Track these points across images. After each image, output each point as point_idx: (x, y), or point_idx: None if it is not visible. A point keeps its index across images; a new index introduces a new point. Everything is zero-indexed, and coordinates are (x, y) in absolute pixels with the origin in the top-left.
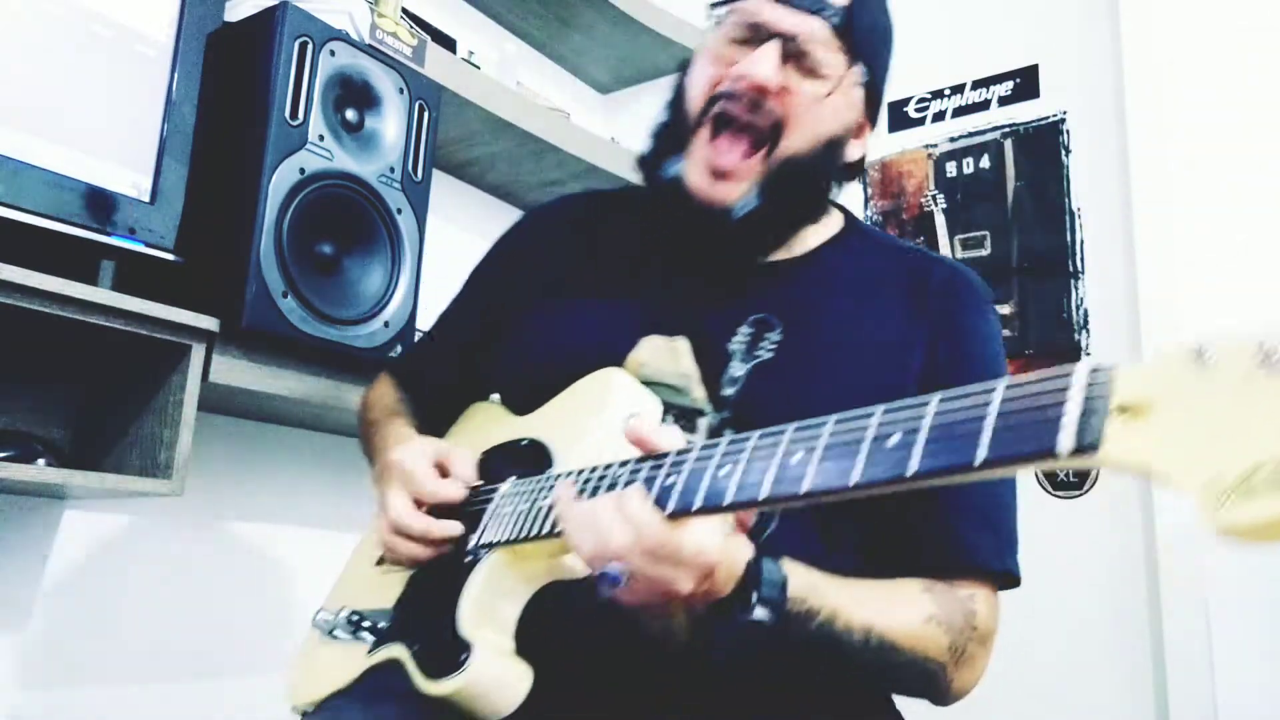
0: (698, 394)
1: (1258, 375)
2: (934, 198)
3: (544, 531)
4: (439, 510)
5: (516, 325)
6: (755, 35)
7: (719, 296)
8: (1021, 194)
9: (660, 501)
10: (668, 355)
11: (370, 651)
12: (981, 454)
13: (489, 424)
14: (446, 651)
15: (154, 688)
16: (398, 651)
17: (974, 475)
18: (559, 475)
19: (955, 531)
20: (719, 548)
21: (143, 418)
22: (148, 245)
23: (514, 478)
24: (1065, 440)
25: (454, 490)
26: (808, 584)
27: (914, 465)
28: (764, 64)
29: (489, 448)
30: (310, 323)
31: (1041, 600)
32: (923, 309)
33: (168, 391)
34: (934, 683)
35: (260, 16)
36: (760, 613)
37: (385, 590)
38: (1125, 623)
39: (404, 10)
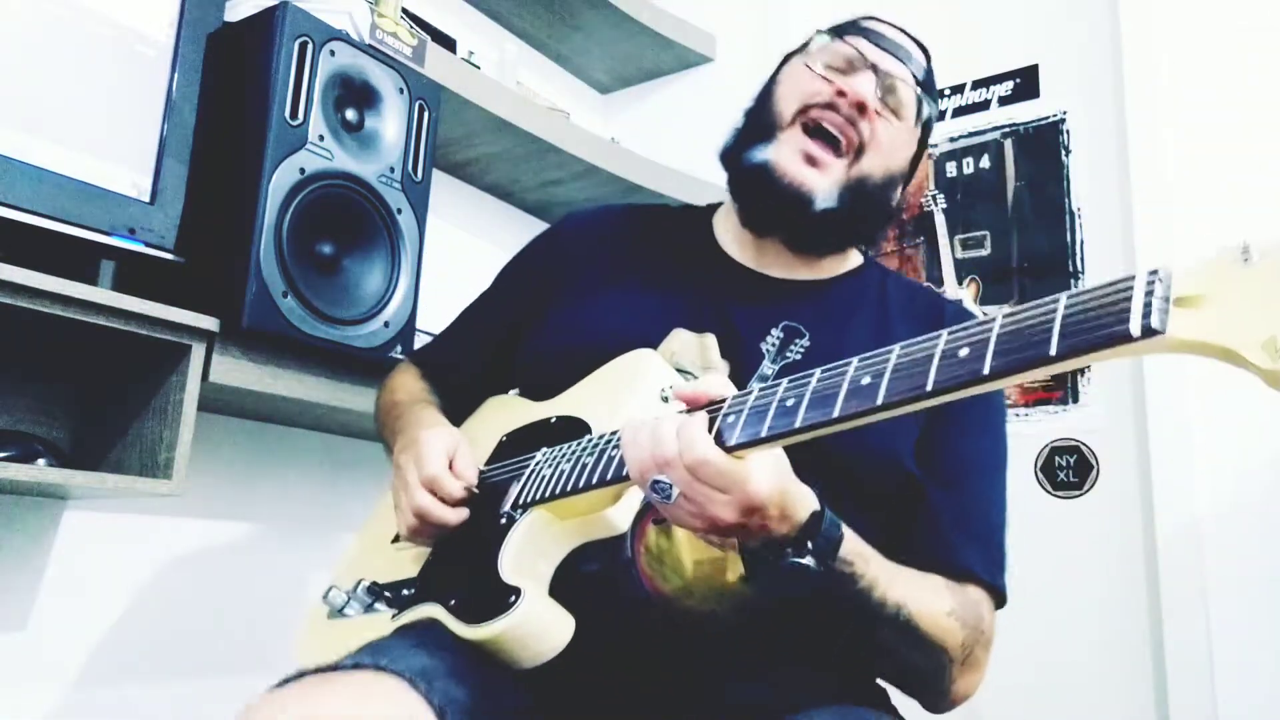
0: None
1: None
2: (934, 198)
3: (593, 482)
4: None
5: (546, 317)
6: (851, 68)
7: (750, 301)
8: (1021, 194)
9: (721, 437)
10: (696, 349)
11: (396, 616)
12: (1054, 347)
13: (509, 412)
14: (492, 597)
15: (154, 687)
16: (431, 610)
17: (1050, 367)
18: (602, 435)
19: (949, 540)
20: (771, 487)
21: (143, 418)
22: (148, 245)
23: (546, 448)
24: (1134, 324)
25: (454, 488)
26: (859, 551)
27: (989, 365)
28: (867, 86)
29: (513, 429)
30: (310, 323)
31: (1041, 600)
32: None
33: (168, 391)
34: (940, 677)
35: (260, 16)
36: (809, 561)
37: (404, 564)
38: (1125, 623)
39: (404, 10)
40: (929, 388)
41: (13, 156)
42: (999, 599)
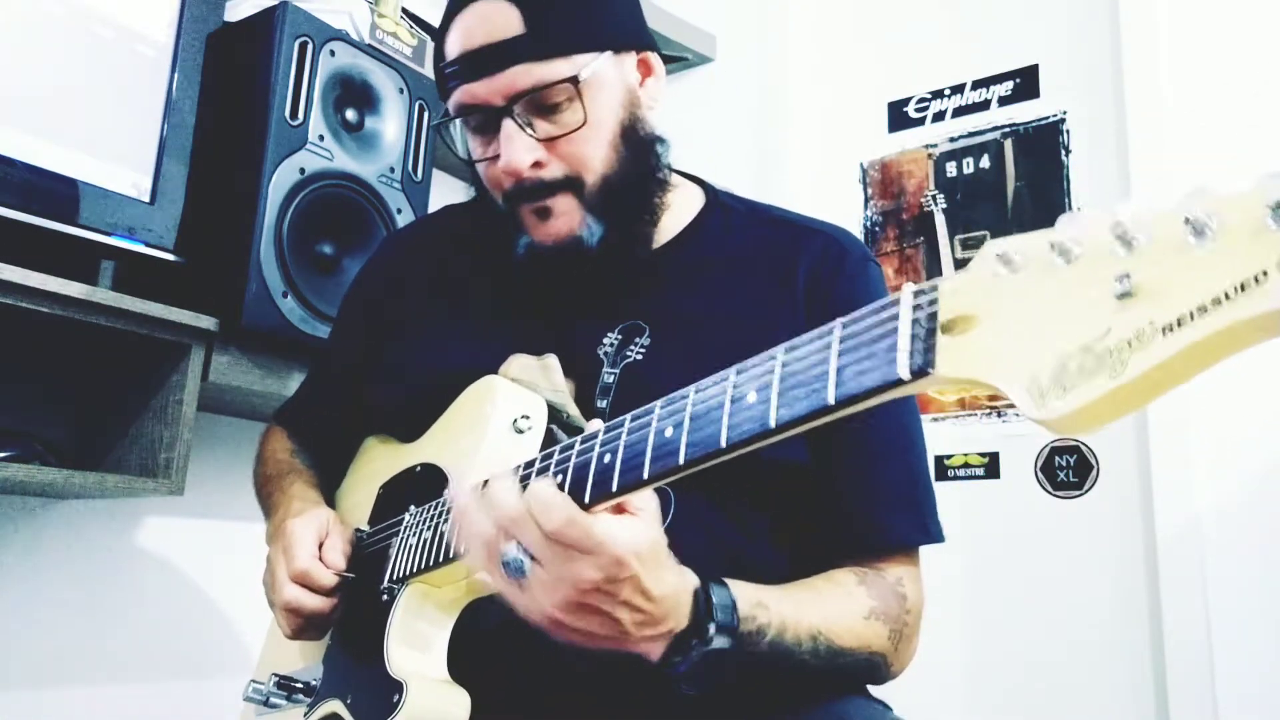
0: (573, 411)
1: (1056, 265)
2: (934, 198)
3: (451, 556)
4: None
5: (388, 356)
6: (486, 120)
7: (584, 307)
8: (1021, 194)
9: (576, 492)
10: (539, 373)
11: (308, 712)
12: (832, 396)
13: (385, 456)
14: (380, 695)
15: (155, 687)
16: (334, 707)
17: (834, 415)
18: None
19: (870, 517)
20: (621, 539)
21: (143, 418)
22: (148, 245)
23: (413, 507)
24: (902, 369)
25: (326, 578)
26: (753, 601)
27: (773, 419)
28: (514, 152)
29: (387, 480)
30: (310, 323)
31: (1041, 600)
32: (790, 285)
33: (168, 391)
34: (878, 670)
35: (260, 16)
36: (720, 641)
37: (312, 647)
38: (1125, 623)
39: (404, 10)
40: (723, 444)
41: (13, 156)
42: (930, 543)
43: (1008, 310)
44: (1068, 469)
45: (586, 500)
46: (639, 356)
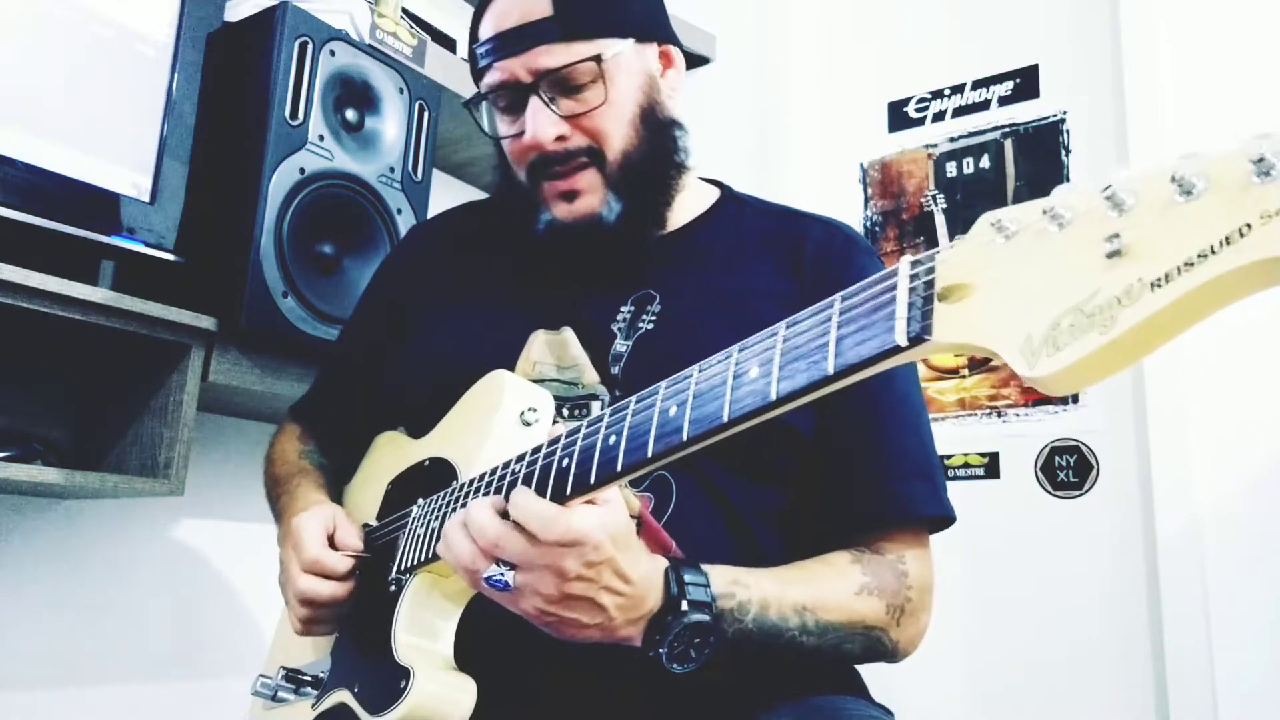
0: (589, 379)
1: (1048, 231)
2: (934, 198)
3: None
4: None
5: (403, 347)
6: (513, 97)
7: (598, 284)
8: (1022, 194)
9: (558, 488)
10: (557, 347)
11: (315, 704)
12: (831, 366)
13: (393, 453)
14: (387, 682)
15: (154, 687)
16: (342, 696)
17: (835, 385)
18: (462, 485)
19: (890, 488)
20: (594, 525)
21: (143, 418)
22: (148, 245)
23: (420, 499)
24: (900, 337)
25: (340, 563)
26: (729, 579)
27: (774, 391)
28: (539, 126)
29: (395, 475)
30: (310, 323)
31: (1042, 600)
32: (799, 266)
33: (168, 391)
34: (879, 646)
35: (260, 16)
36: (696, 615)
37: (321, 641)
38: (1125, 623)
39: (404, 10)
40: (725, 418)
41: (13, 156)
42: (945, 523)
43: (1002, 276)
44: (1068, 469)
45: (593, 481)
46: (650, 325)
